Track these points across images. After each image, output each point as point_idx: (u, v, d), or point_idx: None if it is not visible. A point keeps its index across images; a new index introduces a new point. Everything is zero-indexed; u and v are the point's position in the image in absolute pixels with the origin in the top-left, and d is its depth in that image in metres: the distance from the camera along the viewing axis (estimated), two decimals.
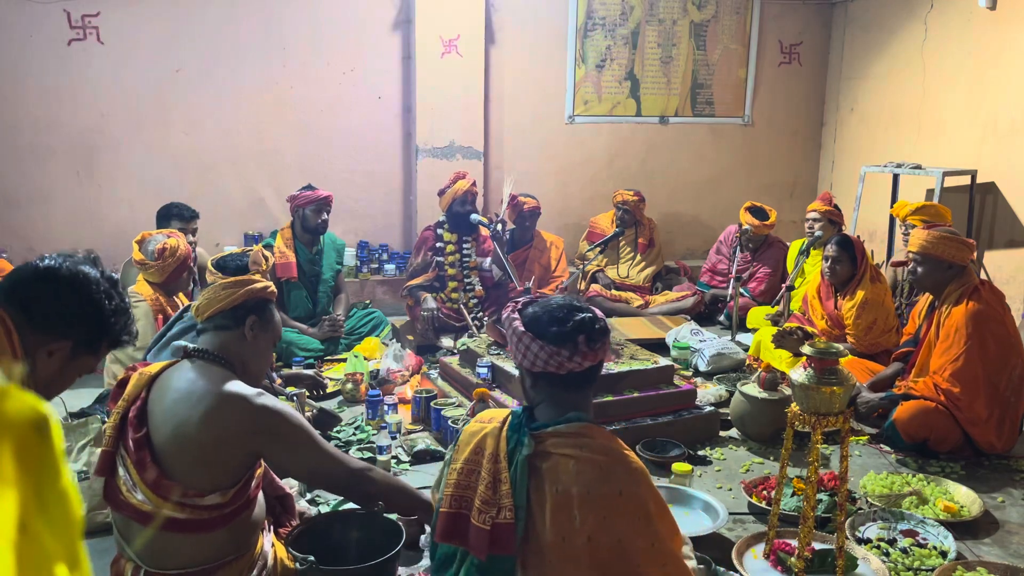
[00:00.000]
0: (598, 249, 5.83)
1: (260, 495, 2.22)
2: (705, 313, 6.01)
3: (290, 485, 2.64)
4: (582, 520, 1.68)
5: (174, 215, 4.62)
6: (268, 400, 2.09)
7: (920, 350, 3.80)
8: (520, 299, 2.00)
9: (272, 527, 2.35)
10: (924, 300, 3.95)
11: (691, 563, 1.93)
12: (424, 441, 3.64)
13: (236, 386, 2.07)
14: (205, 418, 1.99)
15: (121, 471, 2.05)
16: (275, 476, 2.42)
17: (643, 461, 3.47)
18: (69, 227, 5.91)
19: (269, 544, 2.25)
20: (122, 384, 2.18)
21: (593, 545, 1.68)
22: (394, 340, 4.98)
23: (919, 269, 3.69)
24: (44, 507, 0.59)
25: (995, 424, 3.54)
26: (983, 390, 3.50)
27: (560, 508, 1.70)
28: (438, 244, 5.34)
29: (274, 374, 3.79)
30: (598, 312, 1.91)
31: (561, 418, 1.81)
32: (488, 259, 5.33)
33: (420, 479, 3.34)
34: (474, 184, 5.30)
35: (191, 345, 2.19)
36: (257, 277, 2.25)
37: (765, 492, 3.14)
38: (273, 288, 2.29)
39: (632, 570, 1.72)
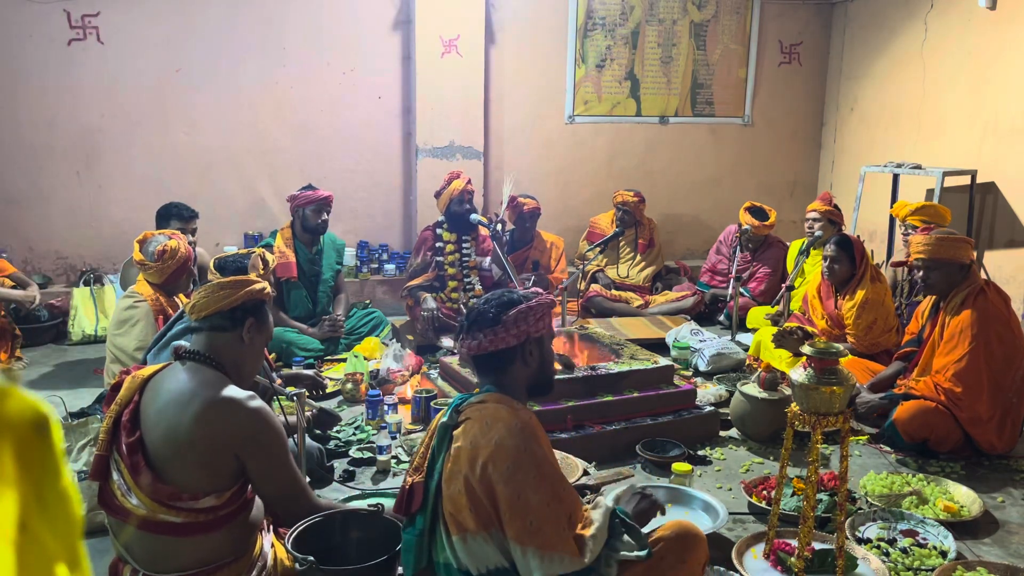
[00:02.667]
0: (598, 249, 5.83)
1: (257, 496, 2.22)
2: (705, 313, 6.01)
3: None
4: (468, 470, 1.85)
5: (173, 215, 4.62)
6: (259, 406, 2.08)
7: (923, 350, 3.79)
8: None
9: (272, 527, 2.34)
10: (928, 299, 3.94)
11: (592, 527, 1.90)
12: None
13: (227, 389, 2.06)
14: (194, 421, 2.00)
15: (115, 475, 2.05)
16: None
17: (643, 461, 3.49)
18: (69, 227, 5.91)
19: (269, 545, 2.25)
20: (116, 387, 2.18)
21: (471, 493, 1.84)
22: (394, 340, 4.98)
23: (931, 275, 3.64)
24: (44, 507, 0.59)
25: (996, 424, 3.53)
26: (987, 391, 3.49)
27: (453, 463, 1.90)
28: (437, 244, 5.34)
29: (274, 374, 3.79)
30: (512, 304, 2.00)
31: (475, 393, 2.02)
32: (488, 259, 5.33)
33: None
34: (470, 183, 5.30)
35: (186, 344, 2.19)
36: (255, 277, 2.25)
37: (765, 492, 3.14)
38: (269, 288, 2.29)
39: (497, 517, 1.84)
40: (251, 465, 2.07)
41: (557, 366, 2.14)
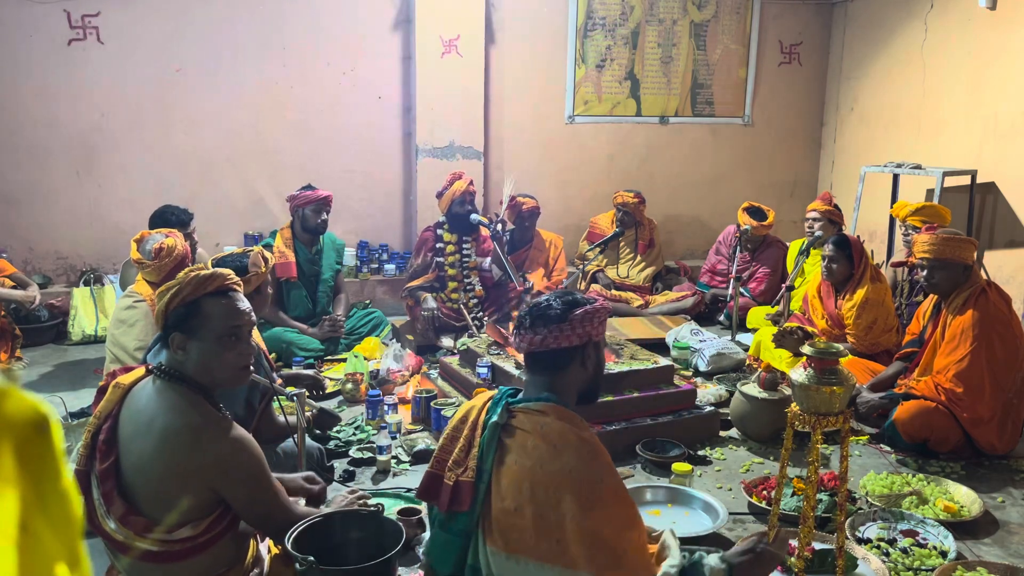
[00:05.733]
0: (598, 249, 5.83)
1: None
2: (705, 313, 6.01)
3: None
4: (533, 493, 1.77)
5: (173, 223, 4.54)
6: (229, 434, 1.97)
7: (925, 350, 3.78)
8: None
9: None
10: (929, 300, 3.93)
11: (671, 562, 1.92)
12: (424, 441, 3.64)
13: (193, 417, 1.94)
14: (161, 454, 1.91)
15: (95, 494, 1.97)
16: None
17: (643, 461, 3.49)
18: (69, 227, 5.90)
19: (265, 550, 2.23)
20: (103, 391, 2.11)
21: (543, 522, 1.75)
22: (394, 340, 4.98)
23: (936, 275, 3.63)
24: (45, 507, 0.59)
25: (997, 425, 3.53)
26: (988, 391, 3.49)
27: (515, 479, 1.80)
28: (438, 245, 5.34)
29: (274, 374, 3.79)
30: (576, 304, 1.95)
31: (534, 397, 1.93)
32: (488, 259, 5.33)
33: (420, 479, 3.34)
34: (472, 183, 5.30)
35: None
36: (160, 292, 2.03)
37: (765, 492, 3.14)
38: (189, 274, 2.04)
39: (567, 549, 1.74)
40: (228, 495, 1.98)
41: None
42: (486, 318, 5.19)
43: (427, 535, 2.74)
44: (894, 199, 6.13)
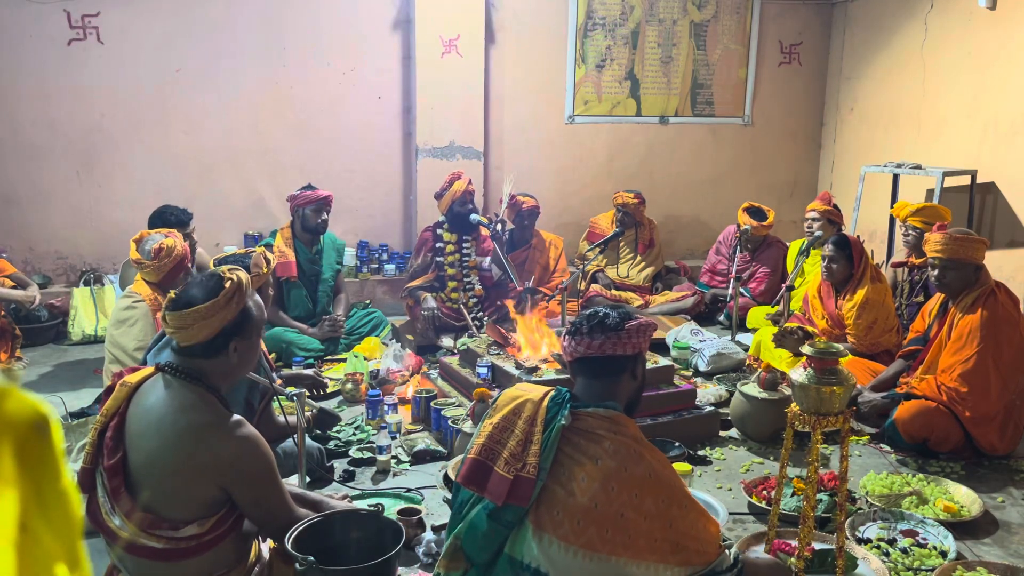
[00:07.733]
0: (598, 249, 5.83)
1: None
2: (705, 313, 6.01)
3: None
4: (617, 493, 1.83)
5: (172, 224, 4.54)
6: (244, 433, 1.98)
7: (930, 348, 3.77)
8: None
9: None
10: (936, 297, 3.92)
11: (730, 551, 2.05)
12: (424, 441, 3.64)
13: (208, 415, 1.96)
14: (173, 451, 1.92)
15: (100, 492, 1.98)
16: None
17: None
18: (69, 227, 5.90)
19: (266, 549, 2.23)
20: (110, 390, 2.11)
21: (622, 520, 1.83)
22: (394, 340, 4.99)
23: (948, 275, 3.60)
24: (44, 507, 0.59)
25: (999, 426, 3.53)
26: (993, 392, 3.48)
27: (596, 478, 1.84)
28: (438, 245, 5.34)
29: (274, 374, 3.79)
30: (630, 317, 2.05)
31: (600, 403, 1.97)
32: (488, 259, 5.33)
33: (420, 479, 3.35)
34: (471, 183, 5.30)
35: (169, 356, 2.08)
36: (229, 289, 2.02)
37: (765, 492, 3.14)
38: (245, 279, 2.07)
39: (643, 543, 1.84)
40: (237, 494, 1.99)
41: None
42: (486, 318, 5.19)
43: (427, 534, 2.74)
44: (894, 199, 6.13)
